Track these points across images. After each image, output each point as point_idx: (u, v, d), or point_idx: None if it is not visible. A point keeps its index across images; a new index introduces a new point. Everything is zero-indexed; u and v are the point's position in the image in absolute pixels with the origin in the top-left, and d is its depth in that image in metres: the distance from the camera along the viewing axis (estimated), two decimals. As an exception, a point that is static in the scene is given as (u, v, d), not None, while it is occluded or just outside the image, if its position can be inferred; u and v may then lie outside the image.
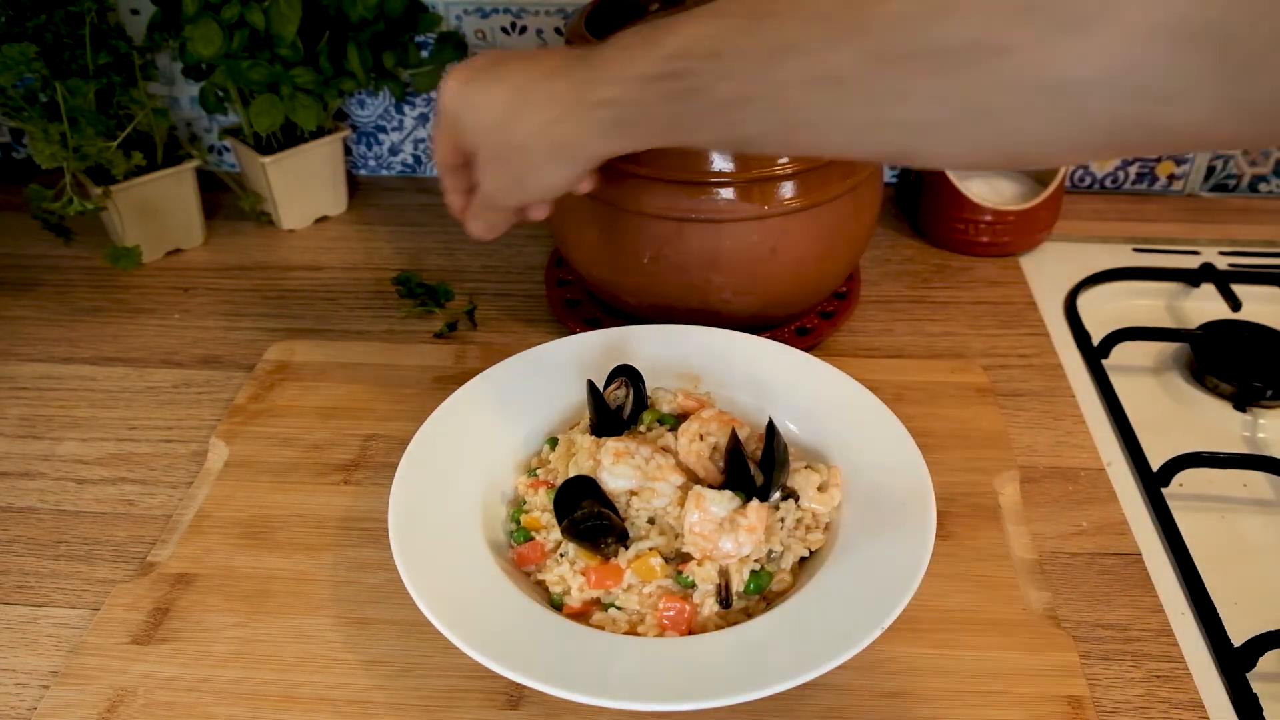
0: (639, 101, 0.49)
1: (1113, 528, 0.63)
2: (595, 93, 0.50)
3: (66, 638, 0.57)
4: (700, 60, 0.45)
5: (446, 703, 0.53)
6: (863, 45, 0.41)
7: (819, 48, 0.42)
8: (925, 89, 0.40)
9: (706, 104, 0.46)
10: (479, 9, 0.93)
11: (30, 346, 0.80)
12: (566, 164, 0.54)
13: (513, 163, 0.55)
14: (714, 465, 0.59)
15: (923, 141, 0.43)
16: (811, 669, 0.48)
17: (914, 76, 0.40)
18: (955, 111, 0.41)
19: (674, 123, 0.48)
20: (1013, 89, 0.39)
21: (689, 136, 0.49)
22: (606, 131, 0.51)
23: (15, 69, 0.76)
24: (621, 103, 0.49)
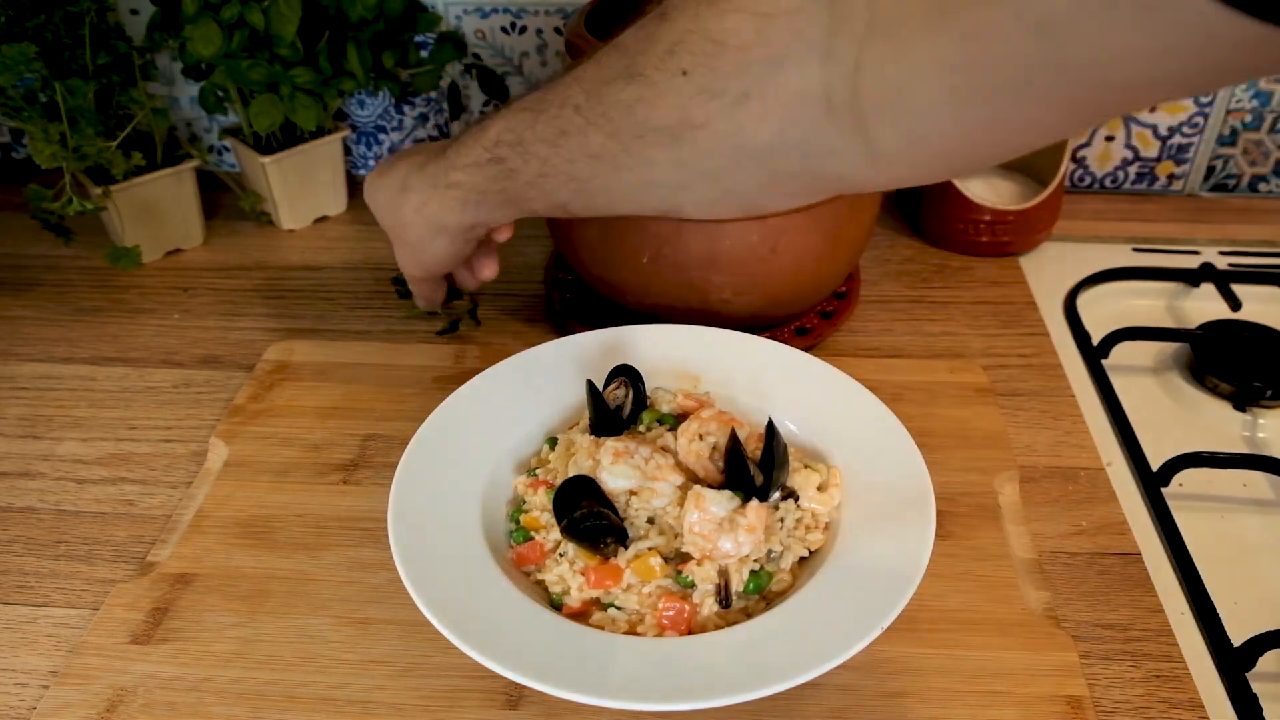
0: (476, 182, 0.60)
1: (1112, 527, 0.63)
2: (447, 178, 0.61)
3: (66, 637, 0.57)
4: (509, 147, 0.56)
5: (446, 703, 0.53)
6: (606, 129, 0.51)
7: (578, 132, 0.52)
8: (663, 159, 0.50)
9: (523, 180, 0.57)
10: (479, 9, 0.93)
11: (30, 346, 0.80)
12: (443, 236, 0.65)
13: (406, 239, 0.67)
14: (714, 465, 0.59)
15: (681, 199, 0.53)
16: (811, 669, 0.48)
17: (651, 149, 0.50)
18: (693, 174, 0.51)
19: (506, 196, 0.59)
20: (721, 154, 0.48)
21: (522, 206, 0.60)
22: (462, 208, 0.62)
23: (15, 69, 0.76)
24: (465, 185, 0.61)
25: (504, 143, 0.57)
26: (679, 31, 0.47)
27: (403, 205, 0.64)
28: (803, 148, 0.46)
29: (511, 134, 0.56)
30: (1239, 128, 0.95)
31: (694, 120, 0.47)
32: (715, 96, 0.46)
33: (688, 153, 0.49)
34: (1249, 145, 0.96)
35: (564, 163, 0.54)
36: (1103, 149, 0.97)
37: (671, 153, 0.50)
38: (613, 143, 0.51)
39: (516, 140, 0.56)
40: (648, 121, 0.49)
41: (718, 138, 0.48)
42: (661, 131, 0.49)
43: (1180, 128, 0.95)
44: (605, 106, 0.51)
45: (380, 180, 0.67)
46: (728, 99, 0.46)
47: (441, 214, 0.63)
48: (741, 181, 0.50)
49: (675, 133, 0.49)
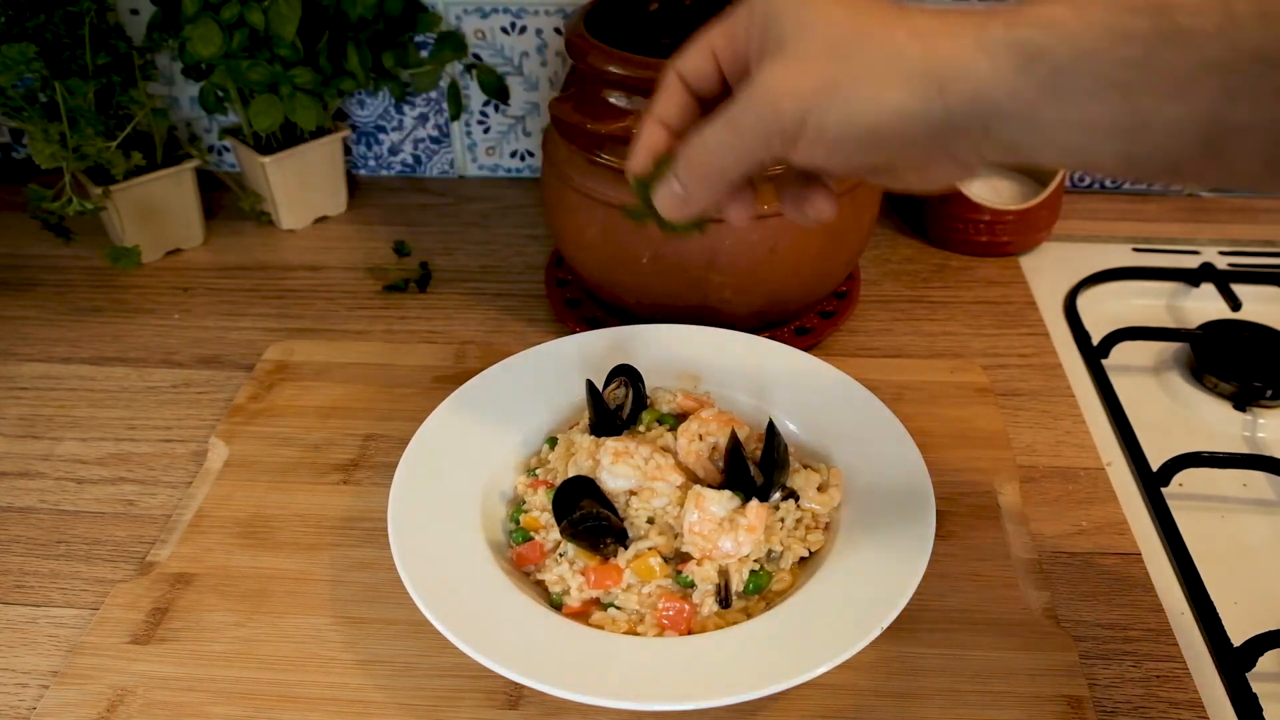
0: (1088, 31, 0.35)
1: (1112, 527, 0.63)
2: (1023, 13, 0.37)
3: (66, 637, 0.57)
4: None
5: (446, 702, 0.53)
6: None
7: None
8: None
9: (1202, 59, 0.33)
10: (479, 9, 0.93)
11: (30, 346, 0.80)
12: (919, 95, 0.38)
13: (847, 61, 0.39)
14: (714, 465, 0.59)
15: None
16: (811, 669, 0.48)
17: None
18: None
19: (1128, 81, 0.35)
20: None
21: (1137, 110, 0.35)
22: (1017, 68, 0.36)
23: (15, 69, 0.76)
24: (1061, 26, 0.35)
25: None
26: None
27: (877, 17, 0.40)
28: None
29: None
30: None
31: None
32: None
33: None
34: (1249, 145, 0.95)
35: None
36: (1103, 149, 0.97)
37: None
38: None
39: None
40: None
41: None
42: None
43: (1180, 128, 0.95)
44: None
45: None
46: None
47: (968, 61, 0.37)
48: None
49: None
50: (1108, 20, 0.35)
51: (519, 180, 1.03)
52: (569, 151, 0.72)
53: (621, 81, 0.67)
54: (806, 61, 0.40)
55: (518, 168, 1.03)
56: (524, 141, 1.01)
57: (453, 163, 1.03)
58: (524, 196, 1.00)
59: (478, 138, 1.01)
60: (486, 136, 1.01)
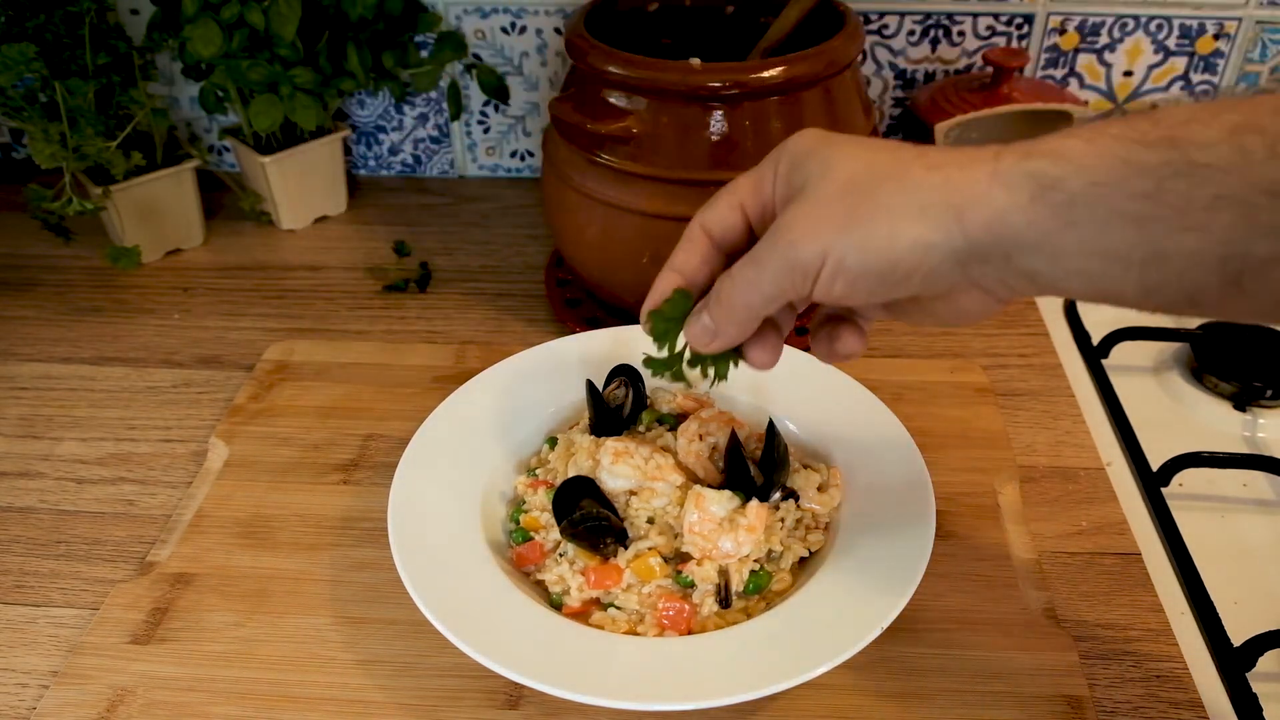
0: (1101, 165, 0.36)
1: (1112, 527, 0.63)
2: (1038, 145, 0.38)
3: (66, 637, 0.57)
4: (1224, 131, 0.34)
5: (446, 702, 0.53)
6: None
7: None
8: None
9: (1208, 193, 0.34)
10: (479, 9, 0.93)
11: (30, 346, 0.80)
12: (937, 227, 0.39)
13: (864, 197, 0.40)
14: (713, 465, 0.59)
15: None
16: (811, 669, 0.48)
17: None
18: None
19: (1142, 213, 0.35)
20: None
21: (1153, 240, 0.36)
22: (1033, 197, 0.37)
23: (15, 69, 0.76)
24: (1074, 159, 0.36)
25: (1199, 121, 0.35)
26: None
27: (896, 160, 0.41)
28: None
29: (1235, 115, 0.34)
30: (1239, 128, 0.95)
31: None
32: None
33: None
34: (1249, 145, 0.96)
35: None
36: (1103, 149, 0.97)
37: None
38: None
39: (1242, 124, 0.34)
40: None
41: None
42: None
43: (1180, 128, 0.95)
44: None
45: (846, 136, 0.44)
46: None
47: (985, 194, 0.38)
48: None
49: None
50: (1120, 152, 0.36)
51: (519, 180, 1.03)
52: (569, 151, 0.72)
53: (621, 81, 0.67)
54: (825, 201, 0.41)
55: (518, 168, 1.03)
56: (524, 141, 1.01)
57: (453, 163, 1.03)
58: (524, 196, 1.00)
59: (478, 138, 1.01)
60: (486, 136, 1.01)
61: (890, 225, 0.39)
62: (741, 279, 0.44)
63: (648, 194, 0.69)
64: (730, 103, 0.66)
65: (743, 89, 0.65)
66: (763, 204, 0.46)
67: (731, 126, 0.67)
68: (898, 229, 0.39)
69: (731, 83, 0.65)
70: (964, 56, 0.92)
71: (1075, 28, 0.90)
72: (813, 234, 0.41)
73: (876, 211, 0.40)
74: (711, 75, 0.65)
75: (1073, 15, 0.89)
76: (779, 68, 0.66)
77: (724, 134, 0.67)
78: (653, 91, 0.67)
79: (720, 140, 0.67)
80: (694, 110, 0.67)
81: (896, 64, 0.94)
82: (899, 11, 0.90)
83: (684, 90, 0.66)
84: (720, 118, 0.67)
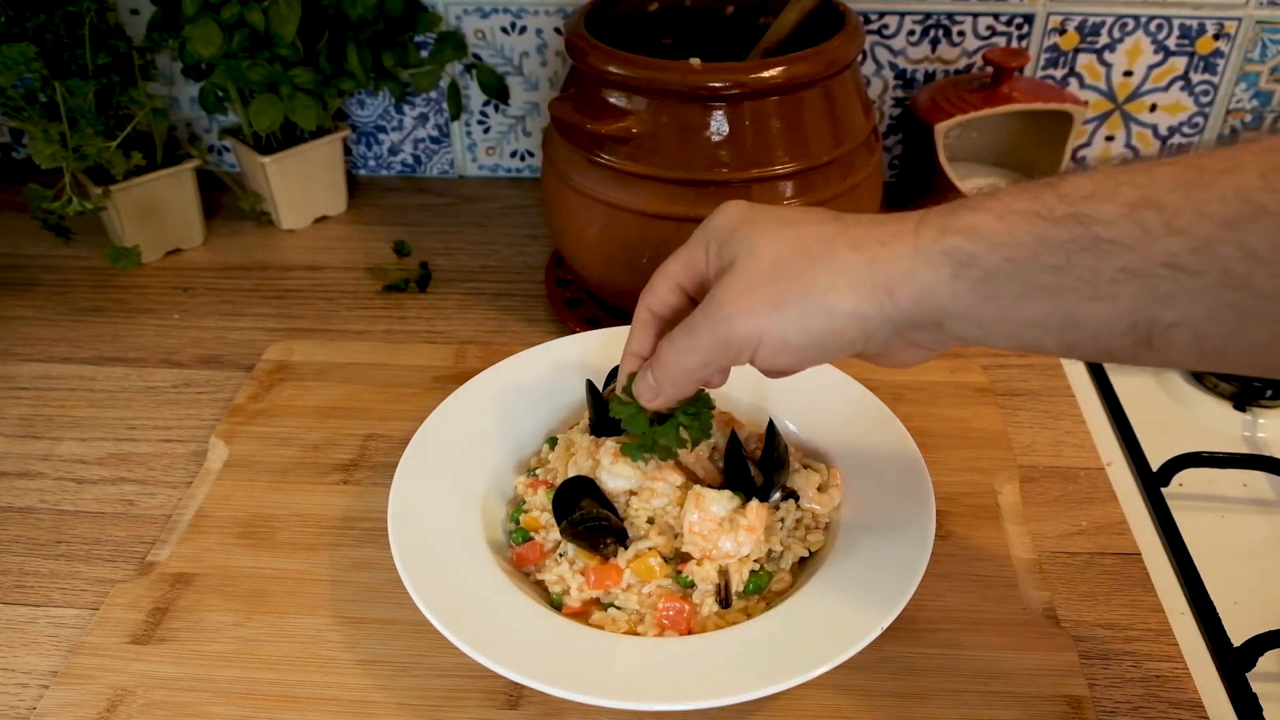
0: (1008, 243, 0.38)
1: (1112, 527, 0.63)
2: (953, 219, 0.40)
3: (66, 637, 0.57)
4: (1118, 206, 0.37)
5: (446, 702, 0.53)
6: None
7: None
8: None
9: (1116, 265, 0.37)
10: (479, 9, 0.93)
11: (30, 346, 0.80)
12: (870, 300, 0.42)
13: (793, 279, 0.43)
14: (714, 465, 0.59)
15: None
16: (811, 669, 0.48)
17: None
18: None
19: (1054, 285, 0.38)
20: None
21: (1066, 309, 0.38)
22: (953, 273, 0.40)
23: (15, 69, 0.76)
24: (988, 236, 0.39)
25: (1101, 196, 0.37)
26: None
27: (819, 238, 0.44)
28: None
29: (1134, 190, 0.37)
30: (1239, 127, 0.95)
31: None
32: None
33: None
34: (1249, 145, 0.96)
35: (1233, 259, 0.35)
36: (1102, 149, 0.97)
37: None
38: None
39: (1141, 200, 0.36)
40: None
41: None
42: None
43: (1180, 127, 0.95)
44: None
45: (775, 211, 0.47)
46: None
47: (907, 270, 0.41)
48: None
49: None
50: (1029, 229, 0.38)
51: (519, 180, 1.03)
52: (569, 151, 0.72)
53: (621, 81, 0.67)
54: (756, 281, 0.44)
55: (518, 168, 1.03)
56: (524, 141, 1.01)
57: (453, 163, 1.03)
58: (524, 196, 1.00)
59: (478, 138, 1.01)
60: (486, 136, 1.01)
61: (825, 300, 0.42)
62: (679, 345, 0.48)
63: (648, 194, 0.69)
64: (730, 103, 0.66)
65: (743, 89, 0.65)
66: (699, 281, 0.49)
67: (731, 126, 0.67)
68: (833, 303, 0.42)
69: (731, 83, 0.65)
70: (964, 56, 0.92)
71: (1075, 28, 0.90)
72: (746, 313, 0.44)
73: (810, 290, 0.43)
74: (711, 75, 0.65)
75: (1073, 15, 0.89)
76: (779, 68, 0.66)
77: (724, 134, 0.67)
78: (653, 91, 0.67)
79: (720, 140, 0.67)
80: (694, 110, 0.67)
81: (896, 64, 0.94)
82: (899, 11, 0.90)
83: (684, 90, 0.66)
84: (720, 118, 0.67)
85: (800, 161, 0.68)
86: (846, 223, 0.44)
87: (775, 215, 0.46)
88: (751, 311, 0.44)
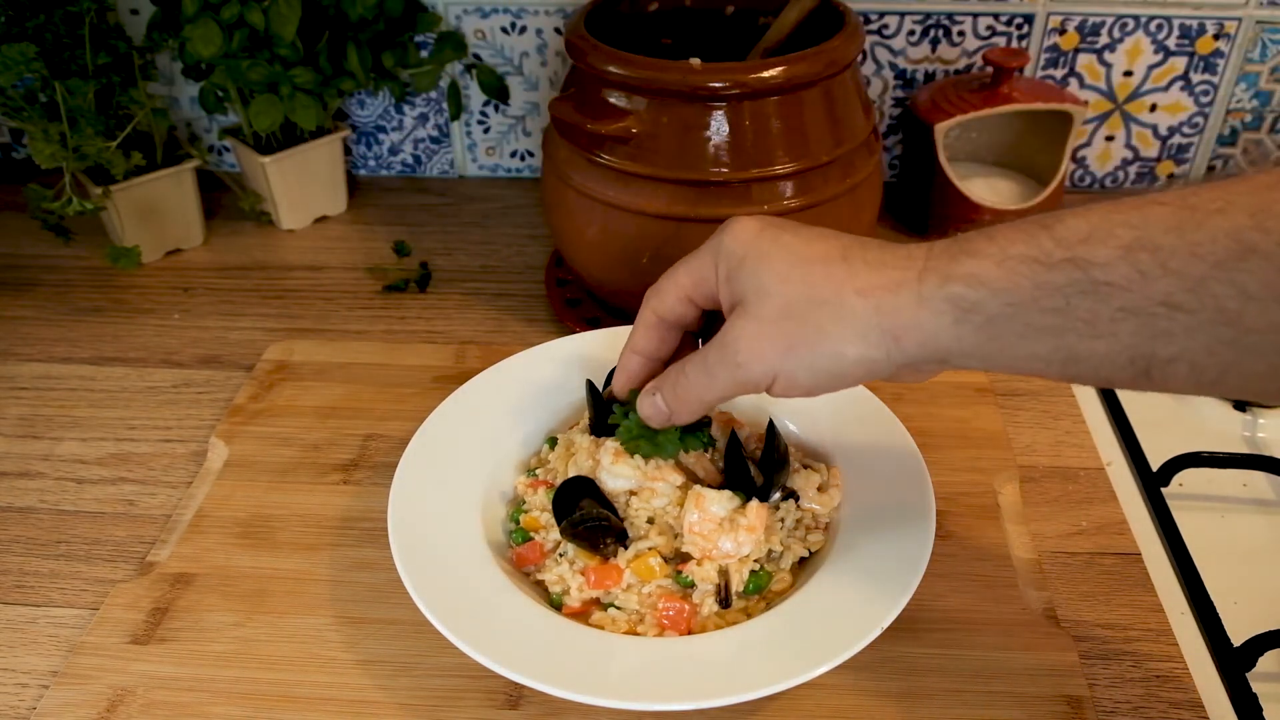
0: (1014, 288, 0.40)
1: (1112, 527, 0.63)
2: (954, 266, 0.42)
3: (66, 637, 0.57)
4: (1115, 249, 0.38)
5: (446, 702, 0.53)
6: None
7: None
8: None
9: (1114, 306, 0.38)
10: (479, 9, 0.93)
11: (30, 346, 0.80)
12: (877, 347, 0.44)
13: (803, 324, 0.45)
14: (714, 465, 0.59)
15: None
16: (811, 669, 0.48)
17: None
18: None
19: (1055, 326, 0.40)
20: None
21: (1068, 346, 0.40)
22: (956, 320, 0.42)
23: (15, 69, 0.76)
24: (989, 283, 0.40)
25: (1097, 239, 0.39)
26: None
27: (829, 276, 0.45)
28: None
29: (1129, 232, 0.38)
30: (1239, 127, 0.95)
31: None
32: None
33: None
34: (1249, 145, 0.96)
35: (1227, 296, 0.36)
36: (1103, 149, 0.97)
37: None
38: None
39: (1136, 242, 0.38)
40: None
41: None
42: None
43: (1180, 127, 0.95)
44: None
45: (787, 233, 0.47)
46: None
47: (912, 318, 0.43)
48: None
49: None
50: (1029, 274, 0.40)
51: (519, 180, 1.03)
52: (569, 151, 0.72)
53: (621, 81, 0.67)
54: (766, 324, 0.46)
55: (518, 168, 1.03)
56: (524, 141, 1.01)
57: (453, 163, 1.03)
58: (524, 196, 1.00)
59: (478, 138, 1.01)
60: (486, 136, 1.01)
61: (834, 347, 0.44)
62: (696, 382, 0.50)
63: (648, 194, 0.69)
64: (730, 103, 0.66)
65: (743, 89, 0.65)
66: (708, 296, 0.50)
67: (731, 126, 0.67)
68: (842, 350, 0.44)
69: (731, 83, 0.65)
70: (964, 56, 0.92)
71: (1075, 28, 0.90)
72: (759, 357, 0.46)
73: (821, 339, 0.45)
74: (711, 75, 0.65)
75: (1073, 15, 0.89)
76: (779, 68, 0.66)
77: (724, 134, 0.67)
78: (653, 91, 0.67)
79: (720, 140, 0.67)
80: (694, 110, 0.67)
81: (896, 64, 0.94)
82: (899, 11, 0.90)
83: (684, 90, 0.66)
84: (720, 118, 0.67)
85: (800, 161, 0.68)
86: (853, 262, 0.45)
87: (783, 248, 0.47)
88: (763, 358, 0.46)
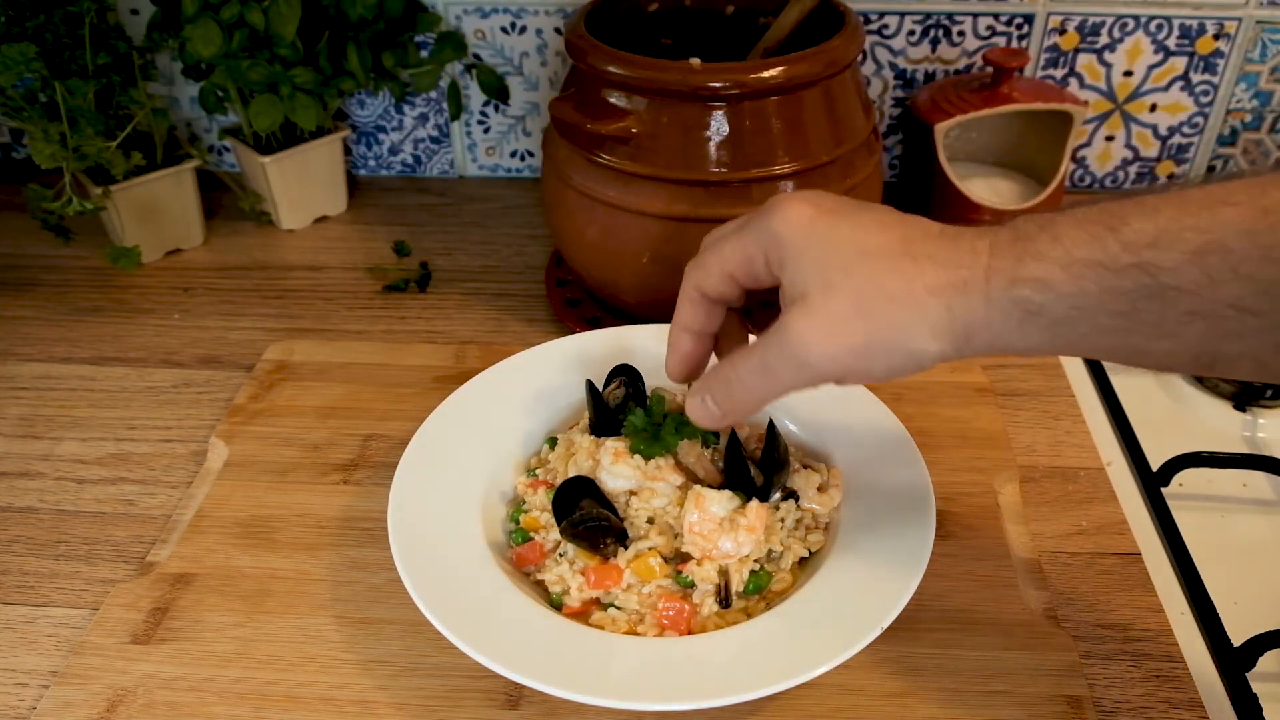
0: (1080, 293, 0.40)
1: (1112, 527, 0.63)
2: (1020, 268, 0.41)
3: (66, 637, 0.57)
4: (1183, 254, 0.38)
5: (446, 702, 0.53)
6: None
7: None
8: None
9: (1181, 309, 0.38)
10: (479, 9, 0.93)
11: (30, 346, 0.80)
12: (951, 344, 0.43)
13: (878, 322, 0.44)
14: (714, 465, 0.59)
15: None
16: (811, 669, 0.48)
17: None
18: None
19: (1121, 327, 0.40)
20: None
21: (1132, 345, 0.41)
22: (1022, 320, 0.41)
23: (15, 69, 0.76)
24: (1055, 288, 0.40)
25: (1165, 243, 0.38)
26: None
27: (897, 268, 0.44)
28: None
29: (1199, 236, 0.37)
30: (1239, 127, 0.95)
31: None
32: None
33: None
34: (1249, 145, 0.96)
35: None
36: (1103, 149, 0.97)
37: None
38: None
39: (1206, 246, 0.37)
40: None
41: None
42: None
43: (1180, 127, 0.95)
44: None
45: (847, 218, 0.46)
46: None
47: (983, 318, 0.42)
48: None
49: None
50: (1095, 279, 0.40)
51: (519, 180, 1.03)
52: (569, 151, 0.72)
53: (622, 81, 0.67)
54: (835, 322, 0.44)
55: (518, 168, 1.03)
56: (524, 141, 1.01)
57: (453, 163, 1.03)
58: (524, 196, 1.00)
59: (478, 138, 1.01)
60: (486, 136, 1.01)
61: (911, 345, 0.44)
62: (752, 383, 0.48)
63: (648, 194, 0.69)
64: (730, 102, 0.66)
65: (743, 89, 0.65)
66: (755, 278, 0.49)
67: (731, 126, 0.67)
68: (919, 347, 0.44)
69: (731, 83, 0.65)
70: (964, 56, 0.92)
71: (1075, 28, 0.90)
72: (830, 357, 0.45)
73: (897, 336, 0.44)
74: (711, 75, 0.65)
75: (1073, 15, 0.89)
76: (779, 68, 0.66)
77: (724, 134, 0.67)
78: (653, 91, 0.67)
79: (720, 140, 0.67)
80: (694, 110, 0.67)
81: (896, 64, 0.94)
82: (899, 11, 0.90)
83: (684, 90, 0.66)
84: (720, 118, 0.67)
85: (800, 161, 0.68)
86: (918, 258, 0.44)
87: (842, 237, 0.45)
88: (836, 358, 0.45)
